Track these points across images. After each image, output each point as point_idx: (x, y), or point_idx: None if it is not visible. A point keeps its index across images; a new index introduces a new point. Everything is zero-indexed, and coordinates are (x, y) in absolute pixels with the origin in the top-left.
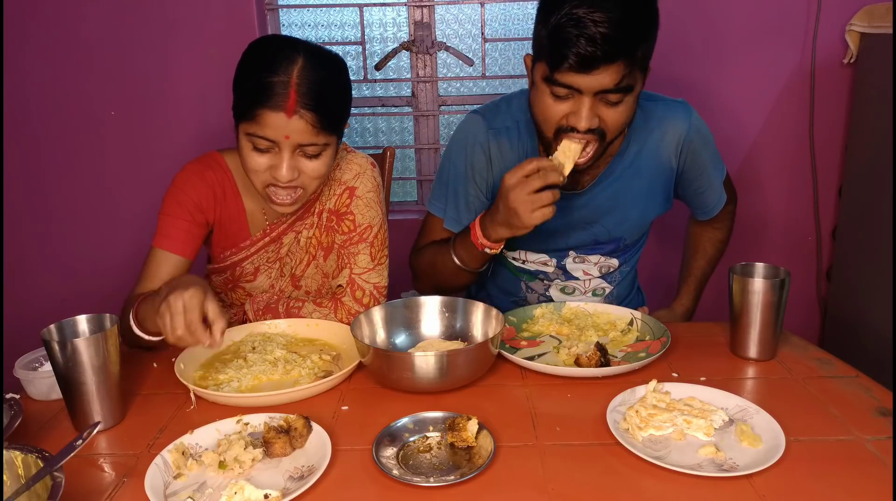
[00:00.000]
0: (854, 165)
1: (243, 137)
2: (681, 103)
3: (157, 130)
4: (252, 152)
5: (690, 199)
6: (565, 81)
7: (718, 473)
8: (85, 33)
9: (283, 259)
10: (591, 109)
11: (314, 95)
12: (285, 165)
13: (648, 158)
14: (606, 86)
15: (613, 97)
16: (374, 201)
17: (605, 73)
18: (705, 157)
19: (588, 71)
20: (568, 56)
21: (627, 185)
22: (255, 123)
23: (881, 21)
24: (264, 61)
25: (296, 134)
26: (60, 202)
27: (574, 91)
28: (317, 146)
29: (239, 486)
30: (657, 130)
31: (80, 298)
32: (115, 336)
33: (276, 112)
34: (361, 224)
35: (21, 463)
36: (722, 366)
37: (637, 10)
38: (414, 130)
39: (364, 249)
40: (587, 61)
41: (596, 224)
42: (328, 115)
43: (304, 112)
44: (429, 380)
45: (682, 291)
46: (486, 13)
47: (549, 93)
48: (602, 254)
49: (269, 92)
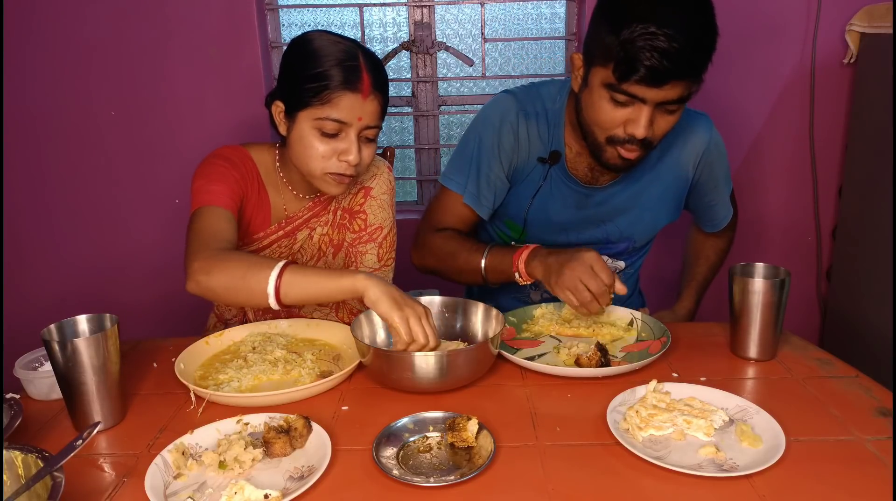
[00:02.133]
0: (854, 165)
1: (309, 123)
2: (704, 116)
3: (158, 130)
4: (319, 138)
5: (701, 211)
6: (632, 92)
7: (718, 473)
8: (85, 33)
9: (295, 255)
10: (651, 118)
11: (380, 79)
12: (355, 148)
13: (669, 164)
14: (670, 98)
15: (672, 107)
16: (387, 204)
17: (672, 87)
18: (719, 171)
19: (658, 85)
20: (640, 69)
21: (646, 188)
22: (331, 105)
23: (881, 21)
24: (330, 50)
25: (367, 116)
26: (60, 202)
27: (636, 100)
28: (376, 129)
29: (239, 486)
30: (680, 137)
31: (80, 298)
32: (115, 336)
33: (354, 94)
34: (373, 224)
35: (21, 463)
36: (722, 366)
37: (706, 27)
38: (414, 130)
39: (372, 249)
40: (659, 76)
41: (610, 223)
42: (387, 99)
43: (376, 93)
44: (429, 380)
45: (683, 294)
46: (486, 13)
47: (608, 98)
48: (611, 255)
49: (347, 75)
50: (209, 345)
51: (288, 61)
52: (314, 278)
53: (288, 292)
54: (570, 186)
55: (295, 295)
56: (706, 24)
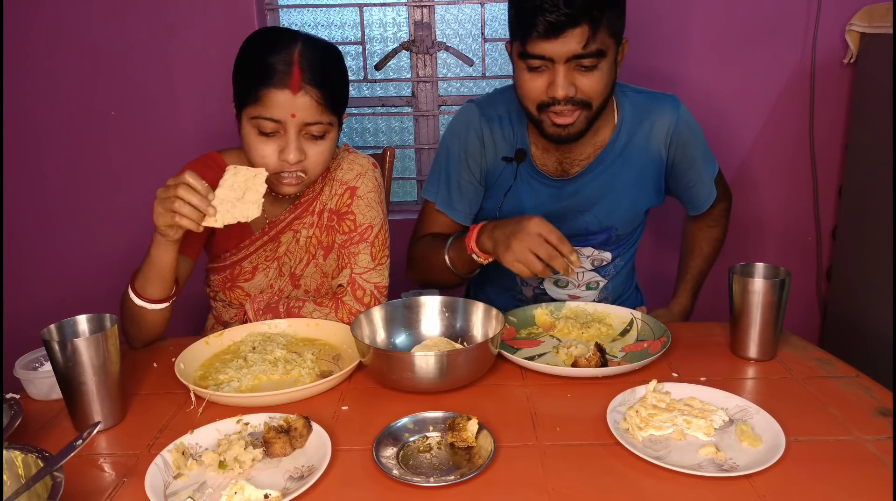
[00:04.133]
0: (854, 165)
1: (248, 123)
2: (669, 97)
3: (158, 130)
4: (258, 138)
5: (682, 193)
6: (536, 52)
7: (718, 473)
8: (85, 34)
9: (282, 258)
10: (566, 77)
11: (317, 71)
12: (293, 146)
13: (638, 148)
14: (576, 51)
15: (587, 62)
16: (374, 202)
17: (571, 37)
18: (695, 150)
19: (555, 36)
20: (535, 24)
21: (617, 174)
22: (261, 104)
23: (881, 21)
24: (265, 44)
25: (301, 111)
26: (60, 202)
27: (547, 62)
28: (321, 125)
29: (239, 486)
30: (646, 121)
31: (80, 298)
32: (115, 336)
33: (281, 90)
34: (362, 224)
35: (21, 463)
36: (722, 366)
37: None
38: (414, 130)
39: (364, 249)
40: (552, 27)
41: (587, 213)
42: (331, 92)
43: (308, 88)
44: (429, 380)
45: (679, 290)
46: (486, 13)
47: (524, 68)
48: (594, 246)
49: (273, 70)
50: (209, 345)
51: (237, 59)
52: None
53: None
54: (541, 181)
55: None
56: None
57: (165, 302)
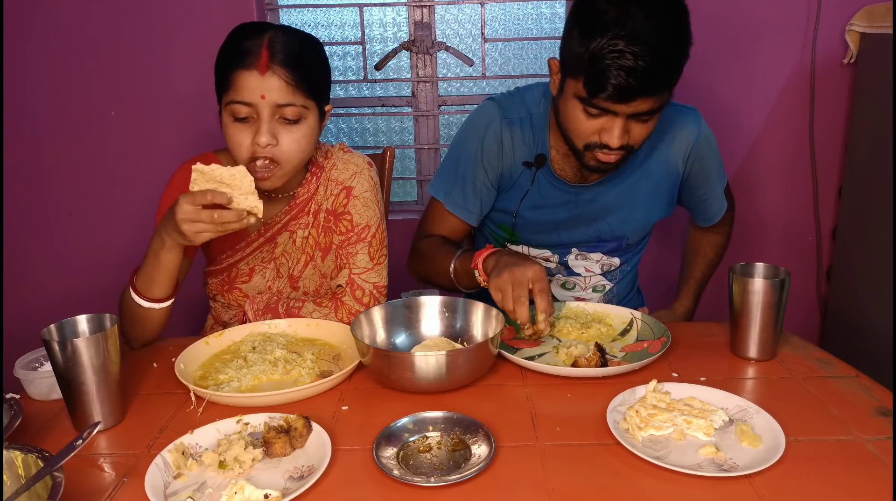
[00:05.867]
0: (854, 165)
1: (225, 111)
2: (692, 109)
3: (157, 130)
4: (233, 125)
5: (694, 205)
6: (602, 106)
7: (718, 473)
8: (84, 33)
9: (279, 259)
10: (624, 128)
11: (287, 52)
12: (264, 128)
13: (658, 160)
14: (642, 111)
15: (645, 117)
16: (371, 201)
17: (642, 102)
18: (711, 164)
19: (626, 102)
20: (607, 87)
21: (636, 184)
22: (233, 88)
23: (881, 21)
24: (239, 32)
25: (271, 93)
26: (60, 202)
27: (608, 112)
28: (295, 108)
29: (239, 486)
30: (668, 133)
31: (80, 298)
32: (115, 336)
33: (249, 71)
34: (359, 224)
35: (21, 463)
36: (722, 366)
37: (676, 42)
38: (414, 131)
39: (362, 249)
40: (626, 93)
41: (601, 221)
42: (303, 73)
43: (277, 68)
44: (429, 380)
45: (682, 293)
46: (486, 13)
47: (581, 109)
48: (604, 252)
49: (242, 53)
50: (209, 345)
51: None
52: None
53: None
54: (559, 187)
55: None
56: (677, 35)
57: (170, 299)
